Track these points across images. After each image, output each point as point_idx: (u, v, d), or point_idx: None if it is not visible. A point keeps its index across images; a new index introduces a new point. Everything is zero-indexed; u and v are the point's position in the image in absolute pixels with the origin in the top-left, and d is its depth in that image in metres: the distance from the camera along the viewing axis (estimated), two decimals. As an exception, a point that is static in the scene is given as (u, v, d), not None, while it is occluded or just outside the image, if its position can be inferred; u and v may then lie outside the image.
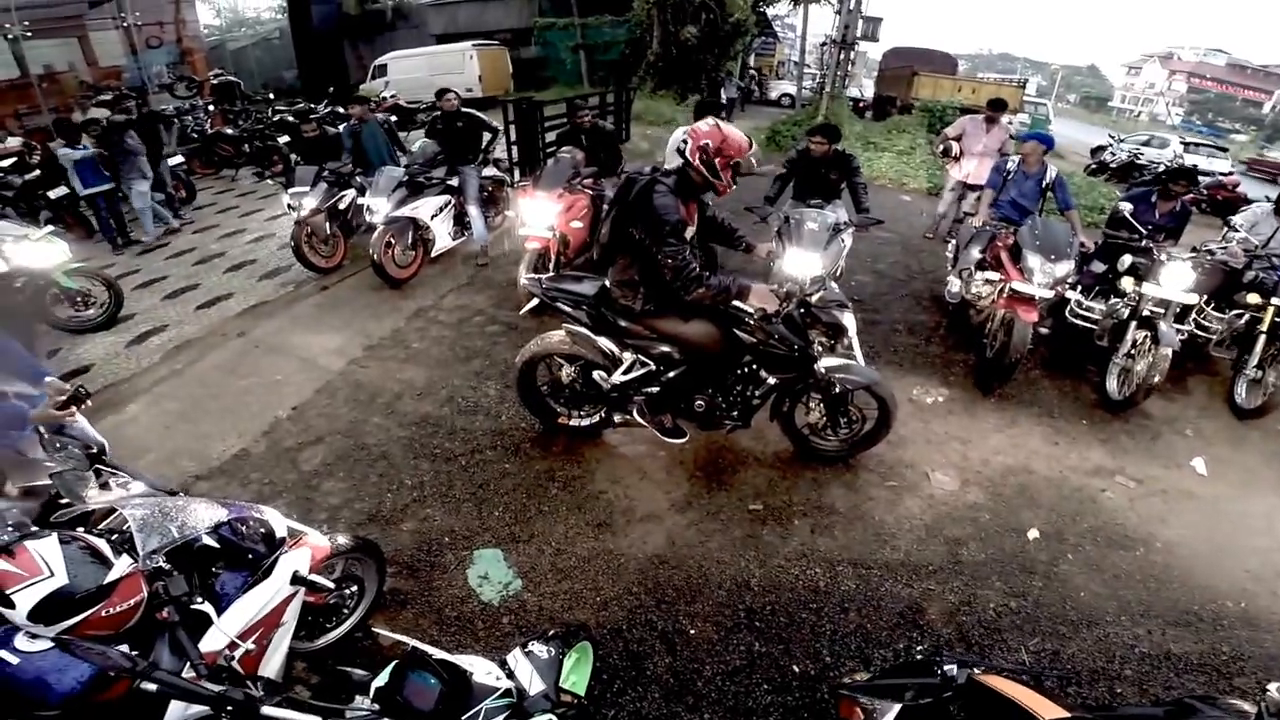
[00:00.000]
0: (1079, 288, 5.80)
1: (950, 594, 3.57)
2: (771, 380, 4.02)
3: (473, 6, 27.40)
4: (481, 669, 2.13)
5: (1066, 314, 5.81)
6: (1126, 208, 5.64)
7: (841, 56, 16.81)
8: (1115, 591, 3.63)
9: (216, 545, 2.32)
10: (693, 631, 3.32)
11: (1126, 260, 5.46)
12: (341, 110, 11.12)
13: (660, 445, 4.57)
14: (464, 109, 7.49)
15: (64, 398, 2.79)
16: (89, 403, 2.86)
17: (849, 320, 3.86)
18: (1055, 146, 6.90)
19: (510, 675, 2.22)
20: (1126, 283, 5.33)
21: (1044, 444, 4.88)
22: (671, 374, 4.04)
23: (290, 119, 11.87)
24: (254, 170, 11.94)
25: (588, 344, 4.10)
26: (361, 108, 7.74)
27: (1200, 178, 8.53)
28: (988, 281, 5.61)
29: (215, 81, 15.03)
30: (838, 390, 4.06)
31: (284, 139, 10.89)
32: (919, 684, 2.01)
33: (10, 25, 13.29)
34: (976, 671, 1.99)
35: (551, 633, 2.53)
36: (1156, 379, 4.89)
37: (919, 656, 3.20)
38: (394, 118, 9.59)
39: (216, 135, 12.74)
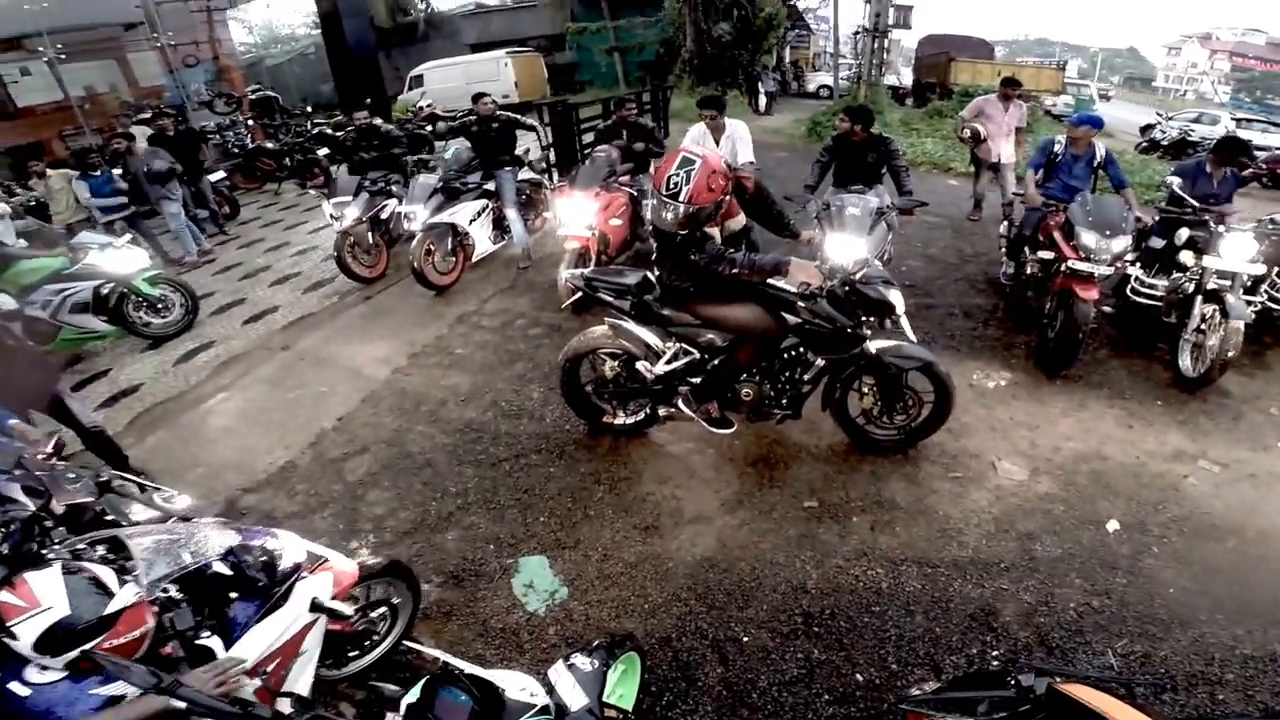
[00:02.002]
0: (1139, 264, 5.49)
1: (1025, 593, 3.32)
2: (820, 362, 3.85)
3: (506, 15, 27.61)
4: (516, 685, 2.01)
5: (1129, 292, 5.49)
6: (1176, 181, 5.35)
7: (875, 45, 16.34)
8: (1207, 587, 3.32)
9: (229, 572, 2.24)
10: (746, 639, 3.15)
11: (1184, 234, 5.15)
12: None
13: (709, 442, 4.41)
14: (500, 111, 7.40)
15: (37, 441, 2.76)
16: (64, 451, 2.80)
17: (896, 297, 3.64)
18: (1104, 126, 6.53)
19: (551, 690, 2.11)
20: (1186, 256, 5.04)
21: (1117, 428, 4.55)
22: (716, 361, 3.89)
23: (329, 131, 12.01)
24: (296, 182, 12.11)
25: (630, 337, 4.00)
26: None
27: (1258, 152, 8.06)
28: (1042, 261, 5.30)
29: (254, 97, 15.31)
30: (891, 372, 3.86)
31: (323, 151, 10.98)
32: (993, 696, 1.82)
33: (46, 49, 13.74)
34: (1057, 681, 1.78)
35: (596, 644, 2.40)
36: (1231, 353, 4.55)
37: (994, 665, 2.96)
38: (430, 127, 9.62)
39: (257, 150, 12.93)
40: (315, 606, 2.38)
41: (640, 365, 4.08)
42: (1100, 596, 3.28)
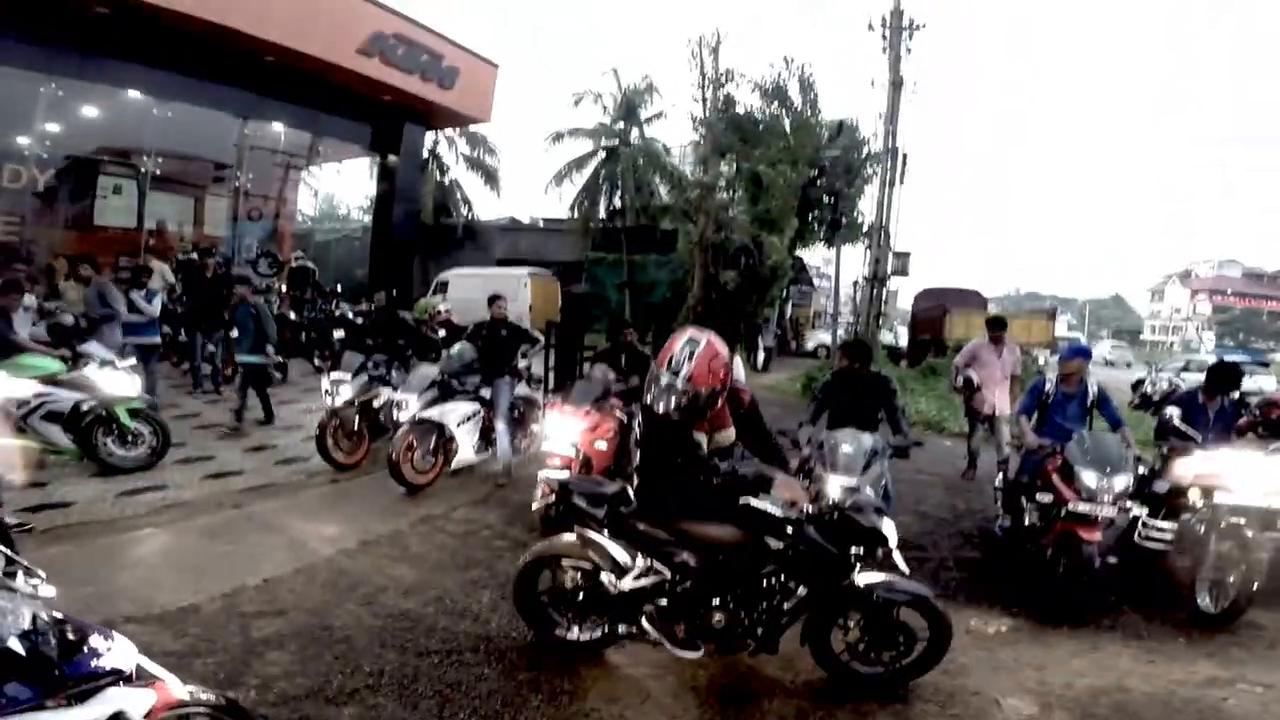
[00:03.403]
0: (1145, 509, 5.10)
1: None
2: (802, 592, 3.45)
3: (534, 235, 29.26)
4: None
5: (1136, 539, 5.03)
6: (1175, 412, 5.20)
7: (874, 293, 16.54)
8: None
9: (22, 653, 1.84)
10: None
11: (1188, 472, 4.84)
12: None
13: (669, 668, 3.80)
14: (509, 322, 7.52)
15: None
16: None
17: (889, 528, 3.38)
18: (1092, 357, 6.45)
19: None
20: (1194, 495, 4.71)
21: (1137, 664, 3.98)
22: (689, 583, 3.53)
23: (350, 316, 12.09)
24: (312, 361, 11.66)
25: (598, 549, 3.66)
26: (244, 289, 8.10)
27: (1249, 398, 7.76)
28: (1041, 506, 4.98)
29: (295, 265, 15.20)
30: (880, 606, 3.46)
31: (339, 333, 10.92)
32: None
33: (145, 168, 14.27)
34: None
35: None
36: (1256, 585, 4.15)
37: None
38: (443, 333, 9.72)
39: (280, 318, 12.52)
40: None
41: (605, 578, 3.69)
42: None
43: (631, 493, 3.72)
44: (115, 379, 6.18)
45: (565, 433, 5.96)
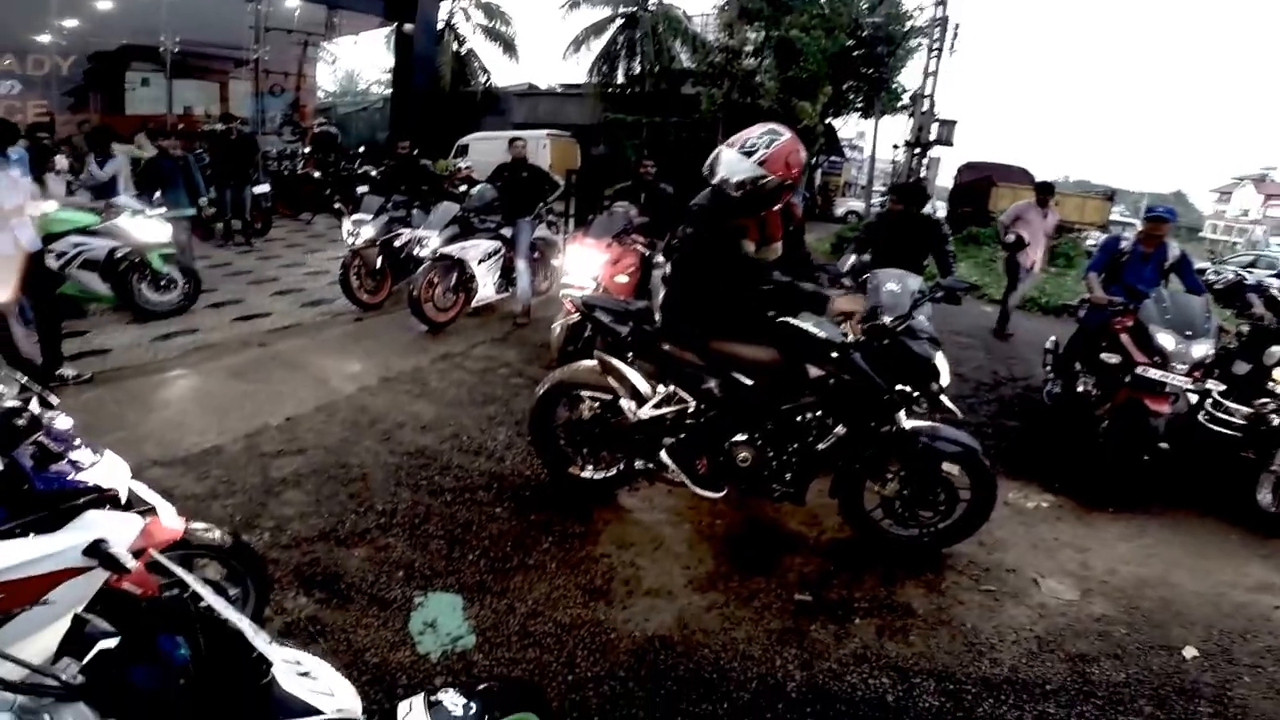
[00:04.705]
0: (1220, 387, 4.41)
1: (1079, 719, 2.40)
2: (840, 431, 3.03)
3: (553, 100, 27.98)
4: (321, 687, 1.14)
5: (1201, 418, 4.33)
6: (1275, 283, 4.50)
7: (915, 161, 15.79)
8: None
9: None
10: (695, 741, 2.18)
11: (1277, 352, 4.13)
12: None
13: (684, 515, 3.56)
14: (530, 163, 7.09)
15: None
16: None
17: (942, 363, 2.93)
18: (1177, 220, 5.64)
19: None
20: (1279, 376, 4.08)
21: (1186, 555, 3.63)
22: (714, 413, 3.13)
23: (372, 172, 11.76)
24: (335, 206, 11.67)
25: (619, 374, 3.31)
26: (168, 142, 7.98)
27: None
28: (1105, 368, 4.42)
29: (317, 130, 15.05)
30: (924, 456, 3.06)
31: (362, 189, 10.68)
32: None
33: (167, 52, 14.26)
34: None
35: (484, 686, 1.54)
36: None
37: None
38: (464, 187, 9.32)
39: (304, 177, 12.74)
40: (95, 550, 1.52)
41: (625, 405, 3.33)
42: None
43: (658, 314, 3.36)
44: (146, 226, 6.10)
45: (586, 265, 5.63)
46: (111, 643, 1.10)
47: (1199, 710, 2.50)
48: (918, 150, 15.89)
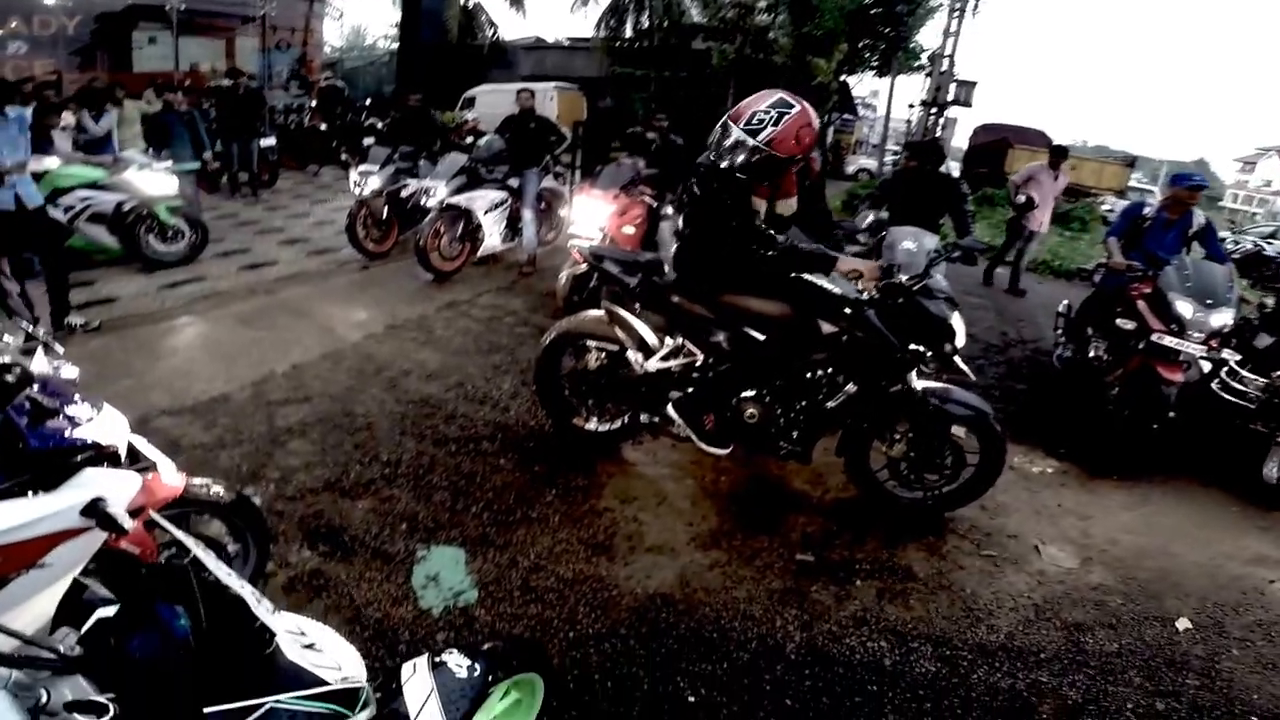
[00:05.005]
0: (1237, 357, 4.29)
1: (1070, 689, 2.39)
2: (850, 389, 2.95)
3: (560, 53, 27.25)
4: (332, 663, 1.09)
5: (1215, 387, 4.23)
6: None
7: (931, 121, 15.36)
8: None
9: None
10: (692, 699, 2.20)
11: None
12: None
13: (689, 470, 3.52)
14: (538, 115, 6.93)
15: None
16: None
17: (958, 323, 2.82)
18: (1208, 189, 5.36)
19: (392, 691, 1.28)
20: None
21: (1187, 526, 3.58)
22: (722, 368, 3.04)
23: (378, 125, 11.61)
24: (342, 157, 11.67)
25: (626, 326, 3.23)
26: (173, 96, 7.89)
27: None
28: (1119, 334, 4.30)
29: (324, 84, 14.99)
30: (934, 417, 2.98)
31: (368, 140, 10.58)
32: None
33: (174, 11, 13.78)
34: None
35: (488, 646, 1.52)
36: None
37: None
38: (471, 139, 9.18)
39: (311, 130, 12.61)
40: (94, 510, 1.45)
41: (631, 356, 3.24)
42: (1167, 698, 2.39)
43: (667, 266, 3.25)
44: (153, 179, 6.06)
45: (592, 215, 5.53)
46: (110, 611, 1.07)
47: (1186, 683, 2.47)
48: (934, 110, 15.32)
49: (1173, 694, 2.41)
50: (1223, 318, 3.79)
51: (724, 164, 2.78)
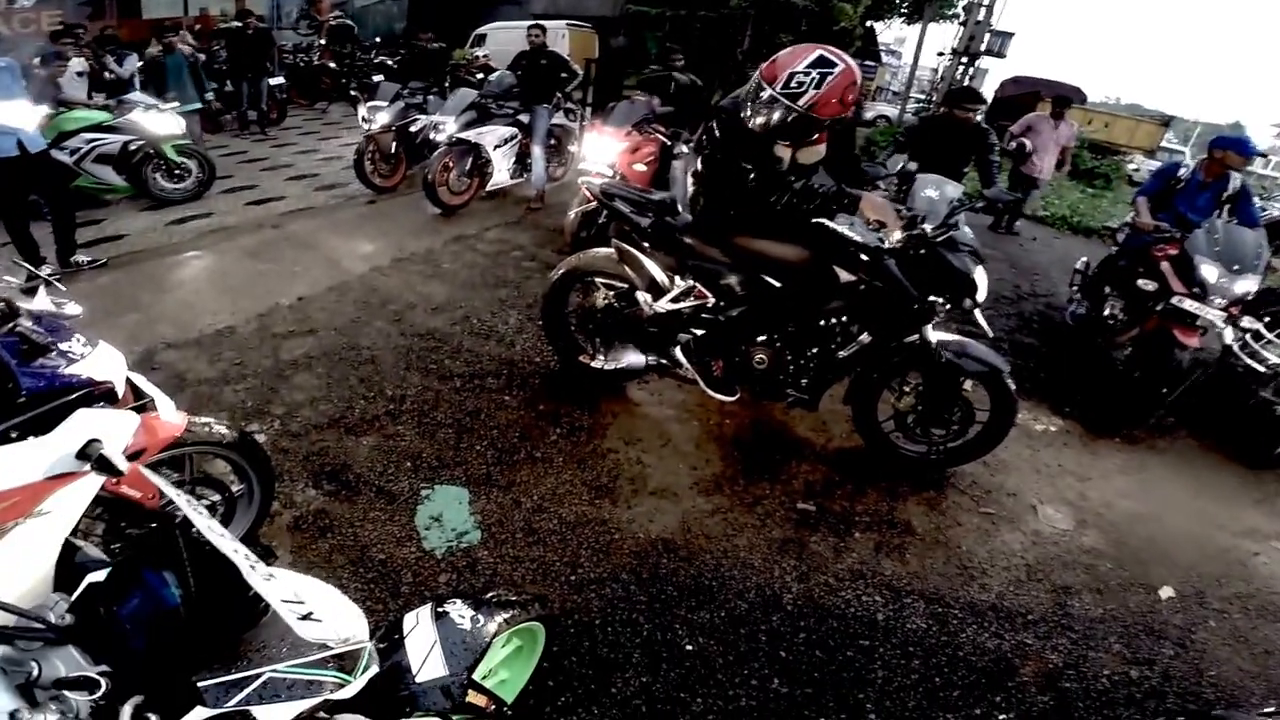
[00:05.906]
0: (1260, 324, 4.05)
1: (1052, 652, 2.36)
2: (864, 339, 2.82)
3: None
4: (321, 614, 1.02)
5: (1235, 346, 3.91)
6: None
7: (961, 71, 14.58)
8: (1265, 670, 2.42)
9: None
10: (690, 647, 2.17)
11: None
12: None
13: (694, 413, 3.44)
14: (549, 50, 6.64)
15: None
16: None
17: (981, 277, 2.66)
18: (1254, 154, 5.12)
19: (392, 641, 1.25)
20: None
21: (1182, 494, 3.50)
22: (734, 312, 2.91)
23: (388, 62, 11.40)
24: (351, 92, 11.21)
25: (636, 264, 3.06)
26: (173, 37, 7.69)
27: None
28: (1139, 294, 4.10)
29: (333, 23, 14.38)
30: (946, 371, 2.85)
31: (378, 78, 10.27)
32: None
33: None
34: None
35: (491, 595, 1.48)
36: None
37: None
38: (481, 75, 8.92)
39: (320, 68, 12.29)
40: (89, 453, 1.34)
41: (640, 296, 3.11)
42: (1141, 666, 2.35)
43: (681, 205, 3.10)
44: (160, 120, 5.97)
45: (603, 152, 5.29)
46: (101, 575, 1.00)
47: (1162, 651, 2.43)
48: (964, 59, 14.46)
49: (1148, 662, 2.37)
50: (1247, 285, 3.57)
51: (758, 121, 2.55)
